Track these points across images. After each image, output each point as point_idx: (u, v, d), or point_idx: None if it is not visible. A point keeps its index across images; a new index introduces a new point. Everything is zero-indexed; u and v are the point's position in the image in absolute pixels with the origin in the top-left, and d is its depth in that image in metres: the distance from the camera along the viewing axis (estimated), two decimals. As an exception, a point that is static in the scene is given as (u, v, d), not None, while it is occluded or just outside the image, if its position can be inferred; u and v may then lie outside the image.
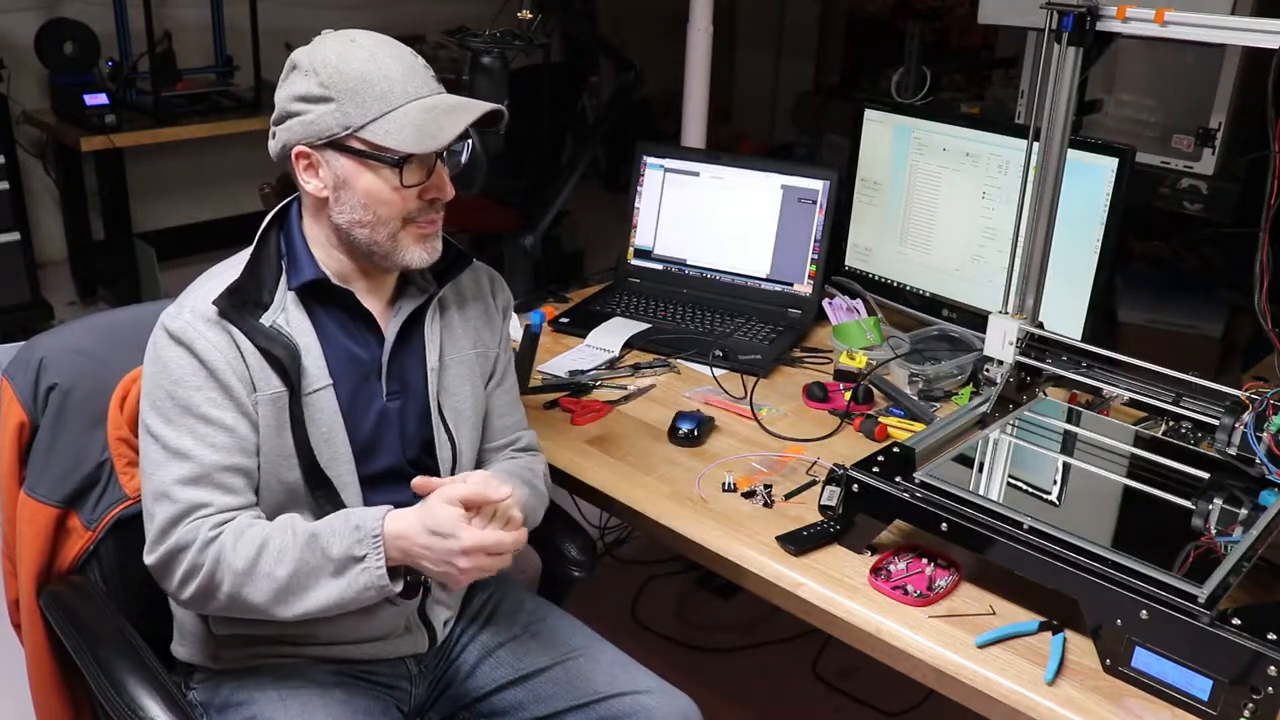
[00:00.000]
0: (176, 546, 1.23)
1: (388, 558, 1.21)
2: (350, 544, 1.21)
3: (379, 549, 1.21)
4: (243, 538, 1.23)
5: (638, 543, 2.67)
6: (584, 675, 1.43)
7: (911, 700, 2.15)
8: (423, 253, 1.31)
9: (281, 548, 1.22)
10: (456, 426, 1.41)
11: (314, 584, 1.22)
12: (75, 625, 1.37)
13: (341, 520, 1.24)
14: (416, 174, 1.26)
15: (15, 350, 2.23)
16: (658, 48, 3.60)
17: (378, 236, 1.29)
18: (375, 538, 1.21)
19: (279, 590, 1.22)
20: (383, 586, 1.21)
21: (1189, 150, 2.54)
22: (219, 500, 1.25)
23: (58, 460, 1.42)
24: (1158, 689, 1.17)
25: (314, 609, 1.23)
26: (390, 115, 1.23)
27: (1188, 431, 1.51)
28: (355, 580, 1.21)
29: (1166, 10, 1.38)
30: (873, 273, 2.19)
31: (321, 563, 1.22)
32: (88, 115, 3.58)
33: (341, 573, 1.22)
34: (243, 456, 1.27)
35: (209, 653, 1.38)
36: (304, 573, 1.22)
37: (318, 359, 1.31)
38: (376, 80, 1.23)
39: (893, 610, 1.31)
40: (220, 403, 1.26)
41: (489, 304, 1.49)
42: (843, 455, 1.60)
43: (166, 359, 1.26)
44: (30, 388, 1.41)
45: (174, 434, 1.25)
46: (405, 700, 1.44)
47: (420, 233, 1.31)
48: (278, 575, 1.22)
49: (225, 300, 1.27)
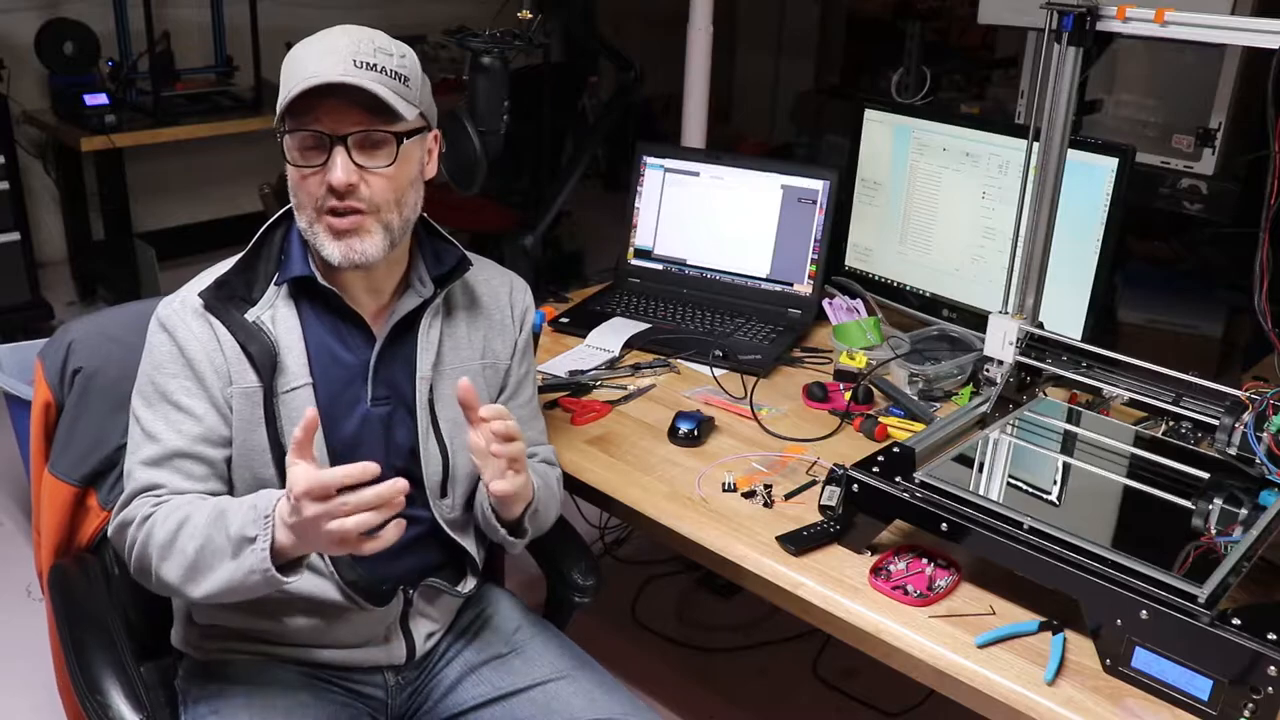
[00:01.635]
0: (124, 520, 1.26)
1: (276, 540, 1.15)
2: (246, 523, 1.17)
3: (268, 529, 1.15)
4: (172, 513, 1.23)
5: (638, 543, 2.67)
6: (563, 699, 1.40)
7: (911, 700, 2.15)
8: (337, 250, 1.27)
9: (196, 524, 1.20)
10: (453, 439, 1.38)
11: (216, 563, 1.19)
12: (65, 603, 1.41)
13: (249, 499, 1.21)
14: (302, 154, 1.26)
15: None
16: (658, 48, 3.59)
17: (302, 223, 1.30)
18: (266, 518, 1.15)
19: (189, 567, 1.20)
20: (265, 570, 1.15)
21: (1189, 150, 2.54)
22: (174, 483, 1.27)
23: (79, 441, 1.46)
24: (1158, 689, 1.17)
25: (214, 590, 1.19)
26: (290, 91, 1.23)
27: (1188, 431, 1.51)
28: (244, 561, 1.16)
29: (1166, 10, 1.38)
30: (873, 273, 2.19)
31: (223, 542, 1.18)
32: (88, 115, 3.58)
33: (237, 553, 1.17)
34: (206, 446, 1.28)
35: (192, 641, 1.40)
36: (209, 550, 1.19)
37: (299, 357, 1.31)
38: (295, 61, 1.25)
39: (893, 610, 1.31)
40: (193, 391, 1.28)
41: (506, 314, 1.47)
42: (843, 455, 1.60)
43: (152, 344, 1.31)
44: (58, 369, 1.46)
45: (150, 417, 1.29)
46: (381, 710, 1.42)
47: (334, 226, 1.27)
48: (188, 551, 1.20)
49: (211, 293, 1.30)
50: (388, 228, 1.29)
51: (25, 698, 2.12)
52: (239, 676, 1.35)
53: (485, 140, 1.92)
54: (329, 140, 1.24)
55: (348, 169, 1.24)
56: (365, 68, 1.23)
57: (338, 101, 1.23)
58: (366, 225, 1.27)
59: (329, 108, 1.23)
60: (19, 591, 1.49)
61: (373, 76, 1.23)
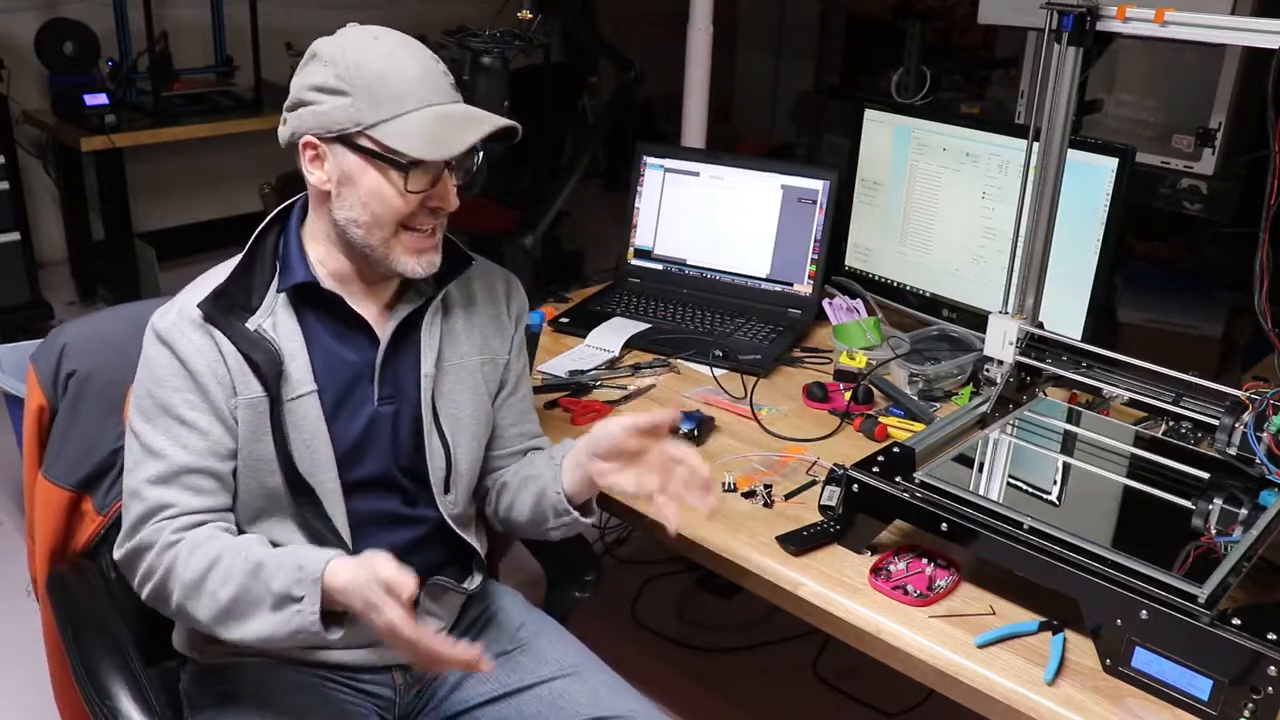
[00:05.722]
0: (140, 545, 1.24)
1: (325, 600, 1.17)
2: (290, 582, 1.18)
3: (316, 593, 1.17)
4: (197, 551, 1.22)
5: (638, 543, 2.67)
6: (569, 696, 1.40)
7: (911, 700, 2.15)
8: (417, 265, 1.29)
9: (229, 569, 1.20)
10: (453, 434, 1.39)
11: (253, 613, 1.20)
12: (67, 608, 1.40)
13: (289, 556, 1.22)
14: (421, 180, 1.25)
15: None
16: (658, 48, 3.59)
17: (372, 239, 1.27)
18: (315, 581, 1.17)
19: (220, 612, 1.20)
20: (315, 632, 1.18)
21: (1189, 150, 2.54)
22: (185, 501, 1.25)
23: (73, 445, 1.45)
24: (1158, 689, 1.17)
25: (250, 638, 1.20)
26: (403, 118, 1.22)
27: (1188, 431, 1.51)
28: (290, 620, 1.18)
29: (1166, 10, 1.38)
30: (873, 273, 2.19)
31: (262, 594, 1.19)
32: (88, 115, 3.58)
33: (279, 608, 1.18)
34: (215, 460, 1.27)
35: (197, 645, 1.39)
36: (245, 600, 1.20)
37: (303, 365, 1.30)
38: (393, 80, 1.22)
39: (893, 610, 1.31)
40: (197, 405, 1.26)
41: (501, 309, 1.47)
42: (843, 455, 1.60)
43: (150, 357, 1.28)
44: (51, 373, 1.44)
45: (151, 432, 1.26)
46: (390, 709, 1.42)
47: (416, 245, 1.28)
48: (220, 596, 1.20)
49: (210, 303, 1.27)
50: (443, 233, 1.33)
51: (17, 699, 2.12)
52: (247, 679, 1.34)
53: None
54: (443, 166, 1.26)
55: (454, 191, 1.29)
56: (452, 88, 1.28)
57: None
58: (440, 236, 1.32)
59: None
60: (19, 592, 1.48)
61: (459, 95, 1.28)
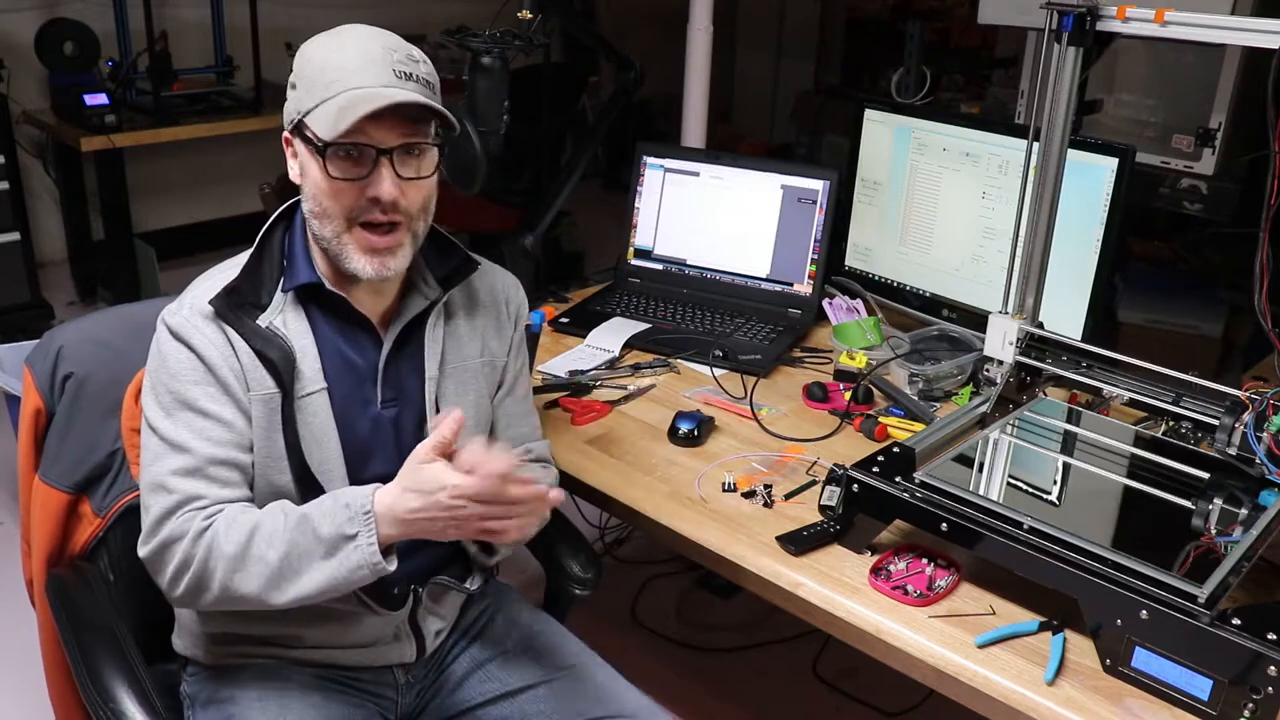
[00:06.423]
0: (170, 538, 1.23)
1: (381, 534, 1.19)
2: (341, 522, 1.19)
3: (370, 525, 1.19)
4: (235, 524, 1.22)
5: (638, 543, 2.67)
6: (572, 694, 1.40)
7: (911, 700, 2.15)
8: (368, 265, 1.27)
9: (273, 530, 1.21)
10: None
11: (306, 566, 1.20)
12: (68, 611, 1.39)
13: (330, 500, 1.23)
14: (342, 166, 1.23)
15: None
16: (658, 48, 3.59)
17: (326, 232, 1.27)
18: (366, 514, 1.19)
19: (272, 575, 1.20)
20: (375, 564, 1.19)
21: (1189, 150, 2.54)
22: (213, 493, 1.25)
23: (70, 447, 1.44)
24: (1158, 689, 1.17)
25: (307, 593, 1.21)
26: (327, 103, 1.22)
27: (1188, 431, 1.51)
28: (348, 559, 1.19)
29: (1166, 10, 1.38)
30: (873, 273, 2.19)
31: (313, 544, 1.20)
32: (88, 115, 3.58)
33: (333, 553, 1.20)
34: (238, 451, 1.27)
35: (200, 647, 1.39)
36: (296, 555, 1.20)
37: (313, 362, 1.30)
38: (330, 68, 1.23)
39: (893, 610, 1.31)
40: (218, 397, 1.26)
41: (501, 310, 1.47)
42: (843, 455, 1.60)
43: (166, 354, 1.28)
44: (48, 375, 1.44)
45: (172, 427, 1.26)
46: (391, 709, 1.42)
47: (368, 244, 1.26)
48: (269, 559, 1.20)
49: (221, 301, 1.28)
50: (415, 236, 1.30)
51: (17, 699, 2.12)
52: (250, 680, 1.34)
53: (485, 140, 1.92)
54: (375, 153, 1.23)
55: (394, 182, 1.24)
56: (404, 77, 1.24)
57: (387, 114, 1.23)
58: (401, 239, 1.28)
59: (377, 120, 1.22)
60: (19, 592, 1.49)
61: (414, 86, 1.24)
